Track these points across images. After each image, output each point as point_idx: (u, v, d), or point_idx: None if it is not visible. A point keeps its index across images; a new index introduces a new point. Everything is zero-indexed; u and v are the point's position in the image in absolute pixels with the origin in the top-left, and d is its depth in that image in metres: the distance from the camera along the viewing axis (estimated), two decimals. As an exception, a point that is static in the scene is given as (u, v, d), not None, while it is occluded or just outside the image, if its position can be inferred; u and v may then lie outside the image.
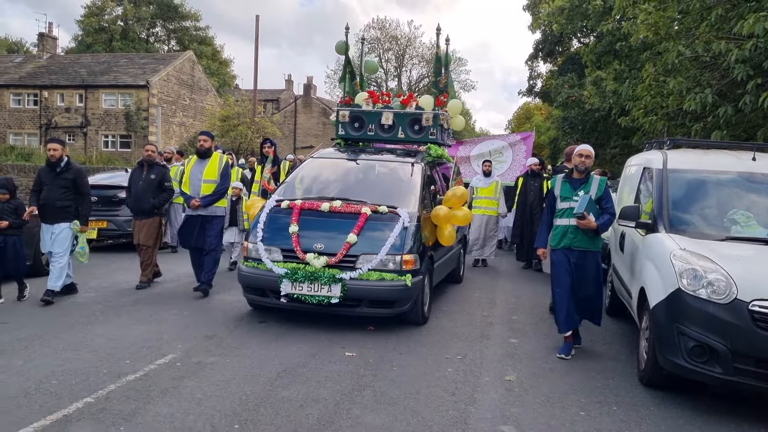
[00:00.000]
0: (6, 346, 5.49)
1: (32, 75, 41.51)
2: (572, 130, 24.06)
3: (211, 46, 58.75)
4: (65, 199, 7.45)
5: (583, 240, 5.77)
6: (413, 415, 4.29)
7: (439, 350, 5.93)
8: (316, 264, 6.25)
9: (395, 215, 6.66)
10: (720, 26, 9.58)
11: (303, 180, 7.84)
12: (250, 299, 6.96)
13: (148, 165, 8.63)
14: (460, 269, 9.73)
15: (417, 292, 6.53)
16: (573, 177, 5.97)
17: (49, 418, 3.97)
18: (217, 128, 29.52)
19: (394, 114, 8.59)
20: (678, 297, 4.61)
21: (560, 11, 18.68)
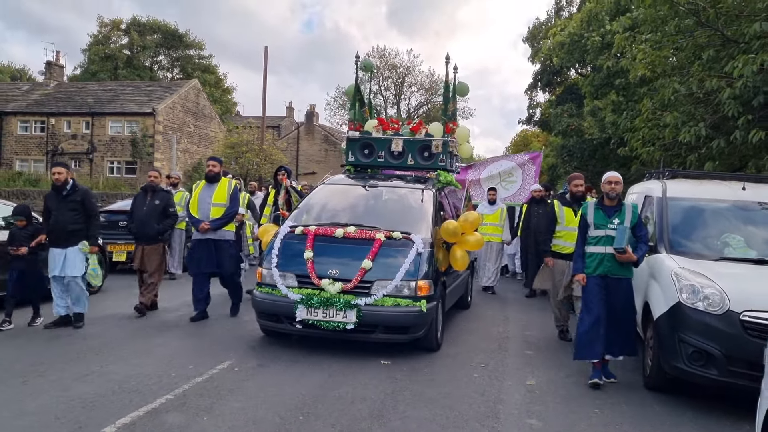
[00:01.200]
0: (81, 354, 6.14)
1: (39, 102, 42.33)
2: (571, 157, 24.91)
3: (214, 74, 59.80)
4: (76, 222, 7.42)
5: (618, 267, 5.83)
6: (450, 410, 4.94)
7: (463, 359, 6.58)
8: (332, 290, 6.27)
9: (409, 241, 6.69)
10: (712, 65, 10.39)
11: (316, 206, 7.88)
12: (264, 325, 6.95)
13: (152, 191, 8.66)
14: (468, 295, 9.76)
15: (431, 317, 6.56)
16: (605, 204, 5.98)
17: (141, 410, 4.62)
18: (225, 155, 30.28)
19: (404, 141, 8.70)
20: (678, 309, 5.30)
21: (560, 46, 19.59)
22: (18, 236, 7.46)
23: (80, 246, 7.43)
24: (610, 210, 5.92)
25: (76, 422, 4.36)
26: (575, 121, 23.33)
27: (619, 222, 5.81)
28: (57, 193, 7.42)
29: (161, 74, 59.80)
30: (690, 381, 5.29)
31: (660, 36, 11.29)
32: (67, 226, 7.35)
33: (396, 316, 6.28)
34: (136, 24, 57.52)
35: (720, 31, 10.25)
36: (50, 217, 7.45)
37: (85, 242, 7.45)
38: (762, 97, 9.03)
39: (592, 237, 5.96)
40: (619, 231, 5.71)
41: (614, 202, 5.95)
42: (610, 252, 5.77)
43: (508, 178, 14.46)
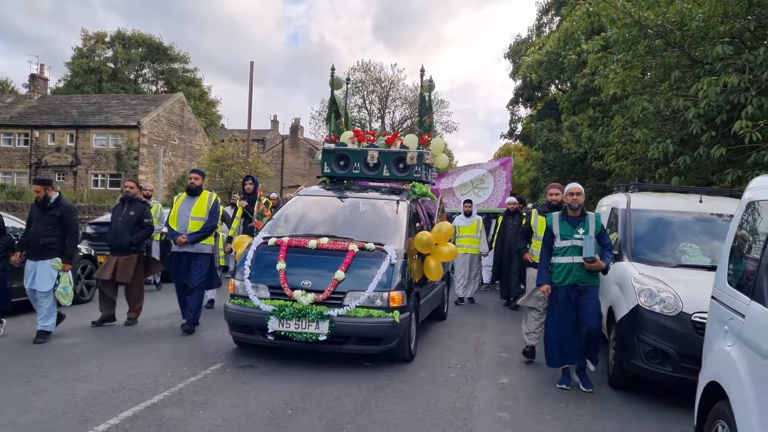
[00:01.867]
0: (79, 357, 6.49)
1: (23, 115, 42.37)
2: (552, 171, 25.51)
3: (199, 87, 60.03)
4: (50, 236, 7.32)
5: (587, 276, 6.02)
6: (427, 405, 5.35)
7: (441, 361, 6.99)
8: (304, 301, 6.28)
9: (382, 252, 6.72)
10: (679, 85, 10.96)
11: (290, 217, 7.89)
12: (236, 337, 6.93)
13: (128, 201, 8.59)
14: (444, 306, 9.74)
15: (404, 328, 6.57)
16: (569, 215, 6.17)
17: (141, 405, 4.98)
18: (210, 168, 30.58)
19: (379, 152, 8.72)
20: (637, 312, 5.76)
21: (539, 63, 20.22)
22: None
23: (53, 263, 7.32)
24: (574, 220, 6.12)
25: (82, 416, 4.72)
26: (555, 135, 23.93)
27: (584, 232, 6.00)
28: (40, 207, 7.41)
29: (146, 87, 59.95)
30: (648, 378, 5.73)
31: (631, 56, 11.85)
32: (40, 238, 7.29)
33: (368, 327, 6.29)
34: (121, 37, 57.69)
35: (686, 52, 10.83)
36: (30, 228, 7.47)
37: (59, 259, 7.35)
38: (724, 115, 9.59)
39: (558, 248, 6.12)
40: (587, 241, 5.89)
41: (578, 213, 6.14)
42: (578, 261, 5.96)
43: (480, 185, 14.65)
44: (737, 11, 10.10)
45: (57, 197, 7.44)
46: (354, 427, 4.76)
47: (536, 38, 30.29)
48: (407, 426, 4.86)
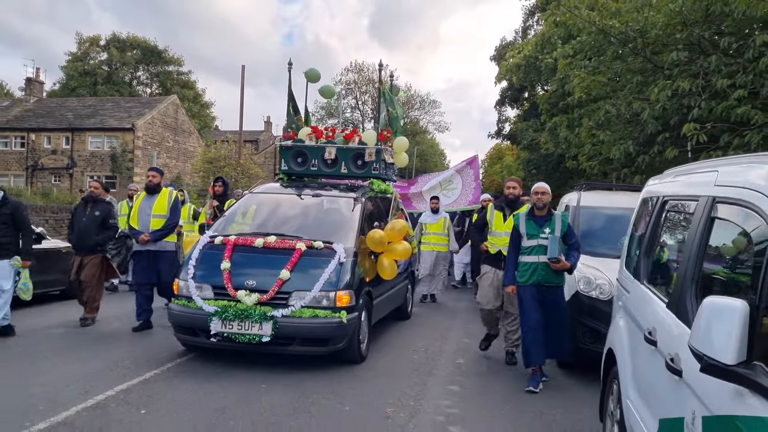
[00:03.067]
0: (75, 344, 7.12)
1: (19, 118, 42.93)
2: (537, 170, 26.21)
3: (193, 90, 60.59)
4: (4, 236, 7.32)
5: (552, 275, 6.01)
6: (387, 380, 6.08)
7: (406, 346, 7.69)
8: (247, 301, 6.14)
9: (331, 251, 6.58)
10: (641, 89, 11.66)
11: (240, 215, 7.79)
12: (180, 339, 6.75)
13: (92, 201, 8.53)
14: (408, 305, 9.58)
15: (353, 329, 6.42)
16: (535, 214, 6.15)
17: (135, 380, 5.67)
18: (203, 170, 31.20)
19: (337, 149, 8.61)
20: (577, 297, 6.46)
21: (517, 67, 20.93)
22: None
23: (12, 261, 7.37)
24: (540, 220, 6.10)
25: (83, 389, 5.39)
26: (538, 135, 24.63)
27: (549, 231, 5.99)
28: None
29: (140, 90, 60.51)
30: (585, 356, 6.43)
31: (596, 62, 12.55)
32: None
33: (314, 328, 6.13)
34: (116, 40, 58.26)
35: (648, 58, 11.54)
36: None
37: (18, 257, 7.41)
38: (677, 117, 10.29)
39: (525, 247, 6.11)
40: (551, 241, 5.86)
41: (544, 212, 6.13)
42: (544, 261, 5.93)
43: (449, 186, 14.78)
44: (695, 19, 10.80)
45: (3, 195, 7.43)
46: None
47: (522, 41, 31.01)
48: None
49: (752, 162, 2.79)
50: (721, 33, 11.09)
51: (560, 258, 5.83)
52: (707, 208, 2.92)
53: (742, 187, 2.58)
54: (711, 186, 2.98)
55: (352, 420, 5.00)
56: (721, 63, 9.45)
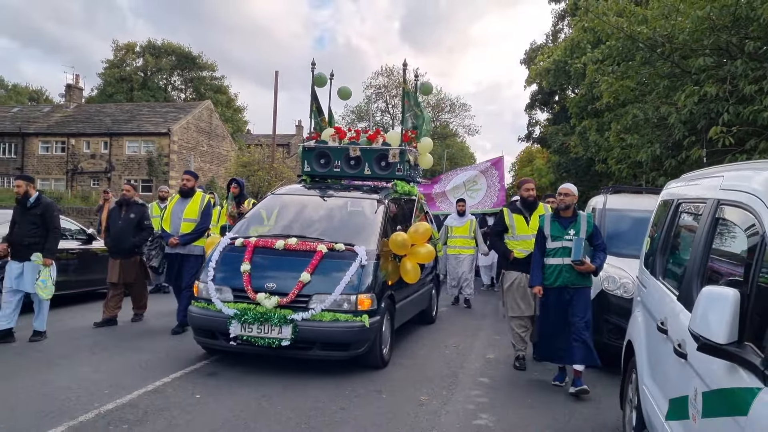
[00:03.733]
0: (93, 347, 7.18)
1: (60, 124, 44.28)
2: (567, 174, 26.35)
3: (226, 95, 61.70)
4: (34, 236, 7.37)
5: (578, 277, 5.92)
6: (422, 375, 6.43)
7: (440, 341, 8.06)
8: (267, 304, 6.03)
9: (352, 253, 6.45)
10: (668, 94, 11.86)
11: (261, 217, 7.68)
12: (200, 342, 6.66)
13: (126, 204, 8.66)
14: (433, 309, 9.38)
15: (374, 333, 6.26)
16: (560, 215, 6.07)
17: (168, 377, 5.95)
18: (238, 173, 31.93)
19: (360, 150, 8.45)
20: (602, 295, 6.75)
21: (546, 71, 21.15)
22: None
23: (33, 258, 7.36)
24: (565, 221, 6.02)
25: (116, 385, 5.63)
26: (568, 139, 24.78)
27: (574, 233, 5.89)
28: (21, 206, 7.46)
29: (175, 95, 61.84)
30: (609, 351, 6.71)
31: (625, 67, 12.77)
32: (24, 239, 7.35)
33: (334, 332, 6.00)
34: (151, 47, 59.64)
35: (676, 63, 11.74)
36: (14, 229, 7.50)
37: (39, 254, 7.38)
38: (704, 121, 10.49)
39: (550, 249, 6.01)
40: (576, 242, 5.77)
41: (569, 213, 6.04)
42: (568, 263, 5.85)
43: (473, 187, 14.56)
44: (723, 24, 10.98)
45: (37, 196, 7.50)
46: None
47: (552, 44, 31.13)
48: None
49: (755, 168, 3.11)
50: (748, 37, 11.27)
51: (584, 260, 5.74)
52: (713, 210, 3.24)
53: (742, 191, 2.91)
54: (717, 190, 3.30)
55: (390, 406, 5.38)
56: (748, 68, 9.64)
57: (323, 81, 9.30)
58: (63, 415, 4.88)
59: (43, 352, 6.89)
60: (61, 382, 5.76)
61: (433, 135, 65.17)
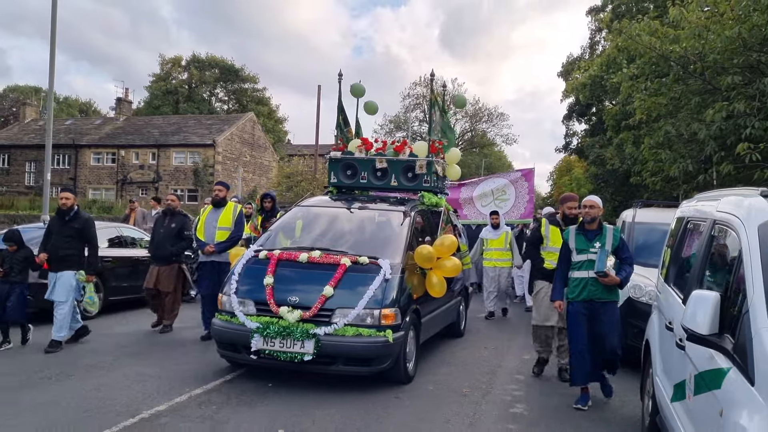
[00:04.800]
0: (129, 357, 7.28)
1: (111, 136, 46.11)
2: (605, 184, 26.73)
3: (267, 106, 63.10)
4: (69, 248, 7.51)
5: (603, 291, 5.78)
6: (464, 370, 7.16)
7: (479, 344, 8.78)
8: (290, 318, 5.99)
9: (376, 266, 6.36)
10: (699, 110, 12.37)
11: (286, 229, 7.65)
12: (224, 355, 6.62)
13: (170, 214, 8.94)
14: (461, 323, 9.28)
15: (398, 348, 6.17)
16: (585, 228, 5.95)
17: (210, 384, 6.14)
18: (282, 184, 33.03)
19: (387, 161, 8.37)
20: (629, 301, 7.39)
21: (583, 86, 21.68)
22: (8, 260, 7.57)
23: (77, 275, 7.54)
24: (590, 234, 5.91)
25: (163, 392, 5.85)
26: (605, 151, 25.18)
27: (600, 246, 5.79)
28: (60, 218, 7.65)
29: (218, 107, 63.53)
30: (635, 353, 7.31)
31: (657, 84, 13.30)
32: (59, 250, 7.49)
33: (358, 347, 5.93)
34: (196, 60, 61.46)
35: (707, 81, 12.25)
36: (49, 240, 7.65)
37: (82, 272, 7.58)
38: (733, 137, 10.98)
39: (575, 262, 5.92)
40: (600, 254, 5.68)
41: (594, 226, 5.91)
42: (593, 276, 5.74)
43: (501, 196, 14.39)
44: (754, 43, 11.46)
45: (76, 210, 7.69)
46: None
47: (589, 56, 31.54)
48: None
49: (744, 195, 3.77)
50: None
51: (608, 272, 5.64)
52: (710, 228, 3.92)
53: (730, 214, 3.58)
54: (714, 211, 3.98)
55: (436, 396, 6.13)
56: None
57: (361, 91, 9.23)
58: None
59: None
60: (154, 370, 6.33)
61: (471, 144, 65.96)
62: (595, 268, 5.69)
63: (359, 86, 9.20)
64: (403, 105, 61.98)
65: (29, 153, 46.46)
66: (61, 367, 6.68)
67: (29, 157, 46.54)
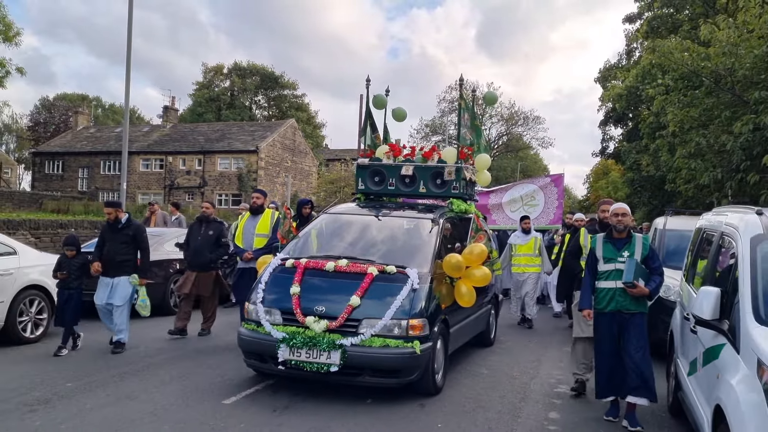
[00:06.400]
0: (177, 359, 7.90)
1: (158, 143, 47.96)
2: (642, 189, 27.34)
3: (306, 112, 64.62)
4: (125, 254, 7.85)
5: (631, 302, 5.55)
6: (512, 359, 8.20)
7: (523, 338, 9.77)
8: (316, 328, 5.91)
9: (404, 276, 6.26)
10: (728, 123, 13.18)
11: (312, 237, 7.60)
12: (250, 365, 6.57)
13: (206, 221, 9.08)
14: (491, 332, 9.13)
15: (426, 359, 6.04)
16: (614, 237, 5.70)
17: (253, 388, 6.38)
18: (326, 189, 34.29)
19: (415, 167, 8.27)
20: (659, 300, 8.31)
21: (619, 97, 22.45)
22: (66, 265, 7.78)
23: (131, 279, 7.87)
24: (619, 242, 5.67)
25: (212, 392, 6.17)
26: (641, 157, 25.83)
27: (628, 255, 5.57)
28: (111, 227, 7.99)
29: (258, 113, 65.27)
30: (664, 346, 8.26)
31: (690, 97, 14.13)
32: (116, 256, 7.82)
33: (384, 358, 5.83)
34: (237, 68, 63.31)
35: (738, 95, 13.05)
36: (103, 248, 7.96)
37: (136, 275, 7.92)
38: (760, 148, 11.79)
39: (602, 271, 5.71)
40: (628, 263, 5.47)
41: (623, 235, 5.68)
42: (621, 286, 5.53)
43: (530, 202, 14.35)
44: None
45: (127, 218, 8.05)
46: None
47: (626, 62, 32.12)
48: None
49: (744, 212, 4.75)
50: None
51: (635, 282, 5.42)
52: (719, 239, 4.91)
53: (731, 226, 4.58)
54: (722, 224, 4.97)
55: (489, 378, 7.17)
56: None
57: (383, 103, 9.24)
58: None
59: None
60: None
61: (507, 148, 66.54)
62: (622, 278, 5.49)
63: (382, 97, 9.23)
64: (439, 109, 62.97)
65: (82, 159, 48.82)
66: (90, 376, 6.72)
67: (82, 164, 48.88)
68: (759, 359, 3.38)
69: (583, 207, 53.45)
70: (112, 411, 5.60)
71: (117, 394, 6.10)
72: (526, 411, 6.02)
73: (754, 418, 3.21)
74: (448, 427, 5.51)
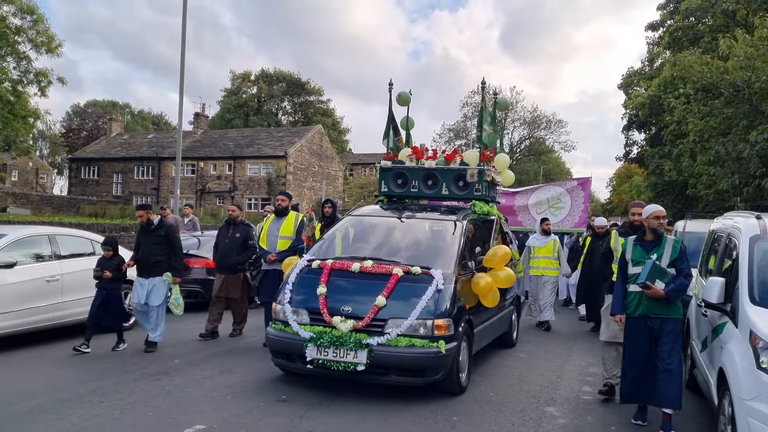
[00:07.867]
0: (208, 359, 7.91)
1: (190, 148, 49.07)
2: (664, 192, 28.03)
3: (331, 118, 65.65)
4: (159, 254, 8.03)
5: (661, 307, 5.43)
6: (547, 346, 9.17)
7: (554, 332, 10.68)
8: (343, 328, 6.04)
9: (429, 276, 6.37)
10: (746, 132, 14.04)
11: (338, 238, 7.71)
12: (277, 364, 6.70)
13: (233, 224, 9.18)
14: (513, 333, 9.20)
15: (451, 359, 6.15)
16: (645, 239, 5.66)
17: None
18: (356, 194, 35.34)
19: (438, 170, 8.35)
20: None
21: (641, 105, 23.29)
22: (104, 266, 7.96)
23: (164, 277, 8.01)
24: (649, 245, 5.62)
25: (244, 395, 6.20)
26: (663, 162, 26.56)
27: (656, 257, 5.51)
28: (145, 230, 8.25)
29: (285, 119, 66.38)
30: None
31: (710, 107, 15.01)
32: (150, 257, 8.04)
33: (410, 358, 5.95)
34: (264, 75, 64.55)
35: (755, 105, 13.91)
36: (140, 249, 8.23)
37: (169, 273, 8.05)
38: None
39: (631, 275, 5.65)
40: (646, 265, 5.44)
41: (655, 237, 5.62)
42: None
43: (557, 204, 14.36)
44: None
45: (159, 220, 8.29)
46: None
47: (648, 68, 32.79)
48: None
49: (746, 216, 5.73)
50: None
51: (648, 283, 5.35)
52: (726, 240, 5.89)
53: (735, 228, 5.57)
54: (729, 227, 5.94)
55: (527, 361, 8.16)
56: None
57: (406, 100, 9.29)
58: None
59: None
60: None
61: (529, 152, 67.08)
62: (638, 279, 5.49)
63: (406, 95, 9.29)
64: (462, 113, 63.70)
65: (116, 165, 50.44)
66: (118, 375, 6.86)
67: (116, 169, 50.48)
68: (751, 330, 4.39)
69: (606, 210, 53.79)
70: (146, 408, 5.78)
71: (152, 392, 6.29)
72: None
73: (746, 375, 4.23)
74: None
